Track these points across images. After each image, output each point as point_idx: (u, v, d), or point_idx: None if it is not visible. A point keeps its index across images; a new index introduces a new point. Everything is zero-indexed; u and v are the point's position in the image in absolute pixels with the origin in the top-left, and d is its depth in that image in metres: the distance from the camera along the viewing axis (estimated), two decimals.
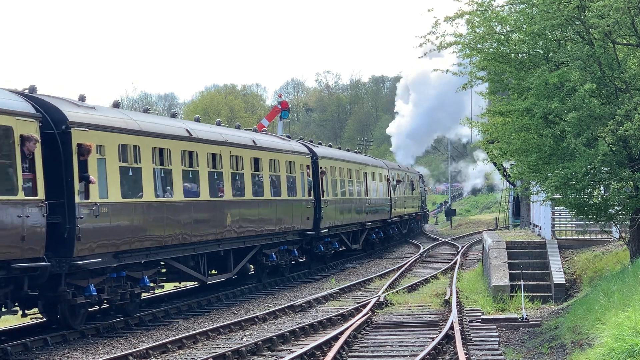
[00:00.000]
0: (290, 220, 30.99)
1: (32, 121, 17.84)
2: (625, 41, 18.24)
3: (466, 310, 21.61)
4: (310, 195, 33.36)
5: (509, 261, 24.20)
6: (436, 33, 18.97)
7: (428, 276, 30.96)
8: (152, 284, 22.53)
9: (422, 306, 23.42)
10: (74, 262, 18.74)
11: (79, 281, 19.59)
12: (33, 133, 17.68)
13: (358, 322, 19.35)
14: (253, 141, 28.80)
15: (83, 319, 20.29)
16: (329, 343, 17.28)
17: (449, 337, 17.30)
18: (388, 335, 18.80)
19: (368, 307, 22.11)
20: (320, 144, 40.28)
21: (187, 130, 24.31)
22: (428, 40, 19.06)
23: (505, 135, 20.19)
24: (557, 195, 19.40)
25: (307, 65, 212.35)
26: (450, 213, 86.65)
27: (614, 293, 15.53)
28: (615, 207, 19.19)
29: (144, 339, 19.73)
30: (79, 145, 19.09)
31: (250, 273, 30.93)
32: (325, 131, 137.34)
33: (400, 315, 21.88)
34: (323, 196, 34.62)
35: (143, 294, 23.17)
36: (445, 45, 19.04)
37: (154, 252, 22.08)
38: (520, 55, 18.87)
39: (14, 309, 18.42)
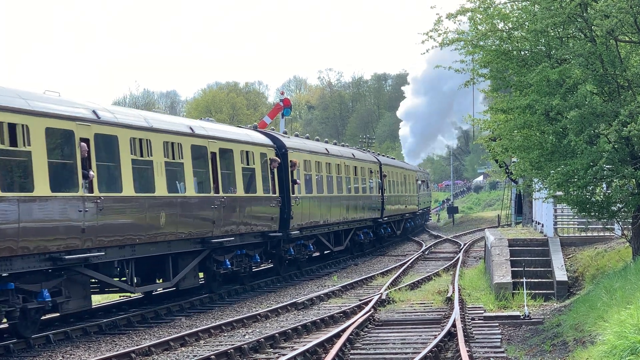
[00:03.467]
0: (369, 210, 43.60)
1: (272, 149, 30.04)
2: (627, 38, 18.22)
3: (468, 307, 21.61)
4: (379, 193, 46.08)
5: (511, 258, 24.19)
6: (439, 30, 18.97)
7: (430, 273, 30.96)
8: (313, 249, 35.34)
9: (424, 304, 23.42)
10: (288, 233, 30.64)
11: (286, 245, 31.67)
12: (274, 157, 29.74)
13: (360, 320, 19.35)
14: (353, 154, 42.46)
15: (286, 268, 32.50)
16: (331, 340, 17.29)
17: (451, 335, 17.30)
18: (390, 332, 18.80)
19: (370, 304, 22.11)
20: (379, 154, 55.02)
21: (326, 149, 37.75)
22: (430, 37, 19.06)
23: (507, 132, 20.18)
24: (560, 193, 19.39)
25: (309, 63, 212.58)
26: (452, 210, 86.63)
27: (616, 290, 15.53)
28: (618, 205, 19.19)
29: (146, 336, 19.74)
30: (291, 161, 31.23)
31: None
32: (328, 128, 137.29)
33: (403, 312, 21.87)
34: (385, 194, 47.37)
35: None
36: (448, 42, 19.03)
37: (314, 229, 34.27)
38: (522, 53, 18.86)
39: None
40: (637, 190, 18.19)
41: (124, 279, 21.47)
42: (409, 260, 37.10)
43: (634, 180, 17.90)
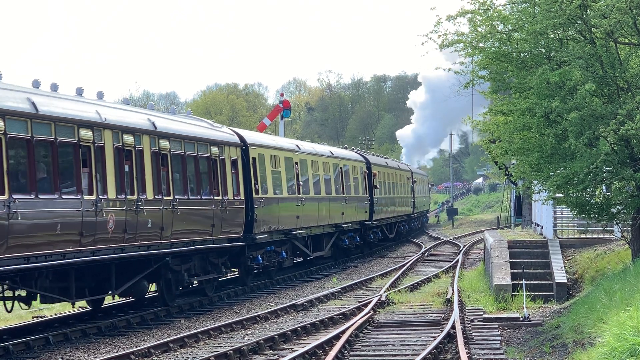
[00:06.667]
0: (406, 208, 57.54)
1: (364, 164, 44.22)
2: (627, 40, 18.23)
3: (468, 309, 21.61)
4: (411, 195, 59.85)
5: (511, 260, 24.18)
6: (438, 32, 18.98)
7: (430, 275, 30.94)
8: (380, 235, 48.14)
9: (423, 305, 23.41)
10: (372, 222, 44.39)
11: (368, 232, 44.41)
12: (365, 170, 43.70)
13: (360, 321, 19.34)
14: (398, 165, 57.71)
15: (367, 247, 45.61)
16: (330, 342, 17.28)
17: (450, 337, 17.29)
18: (390, 334, 18.80)
19: (370, 306, 22.10)
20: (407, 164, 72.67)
21: (386, 162, 52.56)
22: (430, 39, 19.07)
23: (506, 135, 20.18)
24: (559, 195, 19.38)
25: (309, 65, 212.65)
26: (452, 212, 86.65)
27: (615, 292, 15.53)
28: (617, 207, 19.18)
29: (145, 337, 19.73)
30: (373, 173, 44.95)
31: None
32: (327, 130, 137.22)
33: (402, 314, 21.87)
34: (415, 195, 61.27)
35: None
36: (447, 44, 19.04)
37: (381, 221, 47.76)
38: (522, 55, 18.86)
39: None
40: (636, 192, 18.19)
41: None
42: (408, 262, 37.08)
43: (633, 182, 17.90)
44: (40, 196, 17.54)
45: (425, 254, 43.18)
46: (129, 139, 20.88)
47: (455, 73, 20.43)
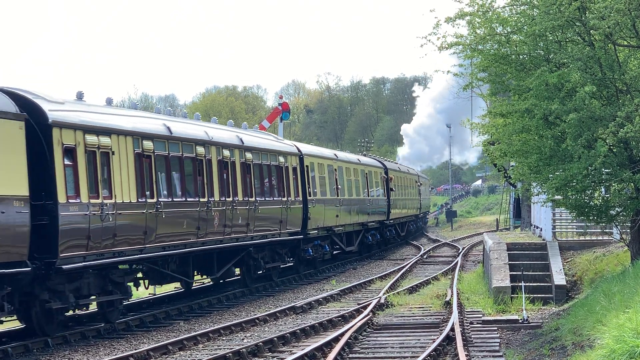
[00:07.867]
0: (413, 208, 63.69)
1: (382, 169, 50.21)
2: (626, 42, 18.23)
3: (467, 311, 21.60)
4: (418, 197, 65.97)
5: (510, 262, 24.18)
6: (437, 34, 18.96)
7: (429, 277, 30.93)
8: (394, 233, 54.11)
9: (422, 308, 23.41)
10: (389, 221, 50.54)
11: (385, 229, 50.55)
12: (383, 174, 49.92)
13: (359, 324, 19.34)
14: (408, 170, 64.19)
15: (384, 243, 51.08)
16: (329, 344, 17.29)
17: (449, 339, 17.29)
18: (389, 336, 18.79)
19: (369, 308, 22.09)
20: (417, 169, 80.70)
21: (398, 167, 59.98)
22: (429, 41, 19.05)
23: (505, 137, 20.18)
24: (558, 197, 19.37)
25: (308, 67, 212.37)
26: (451, 214, 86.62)
27: (614, 294, 15.53)
28: (616, 209, 19.16)
29: (144, 340, 19.74)
30: (390, 177, 51.73)
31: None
32: (326, 132, 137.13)
33: (401, 316, 21.86)
34: (421, 197, 68.12)
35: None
36: (446, 46, 19.03)
37: (396, 220, 54.37)
38: (521, 57, 18.85)
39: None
40: (635, 194, 18.18)
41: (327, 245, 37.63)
42: (407, 264, 37.06)
43: (632, 184, 17.89)
44: (174, 199, 23.05)
45: (425, 256, 43.17)
46: (226, 152, 26.51)
47: (455, 75, 20.41)
